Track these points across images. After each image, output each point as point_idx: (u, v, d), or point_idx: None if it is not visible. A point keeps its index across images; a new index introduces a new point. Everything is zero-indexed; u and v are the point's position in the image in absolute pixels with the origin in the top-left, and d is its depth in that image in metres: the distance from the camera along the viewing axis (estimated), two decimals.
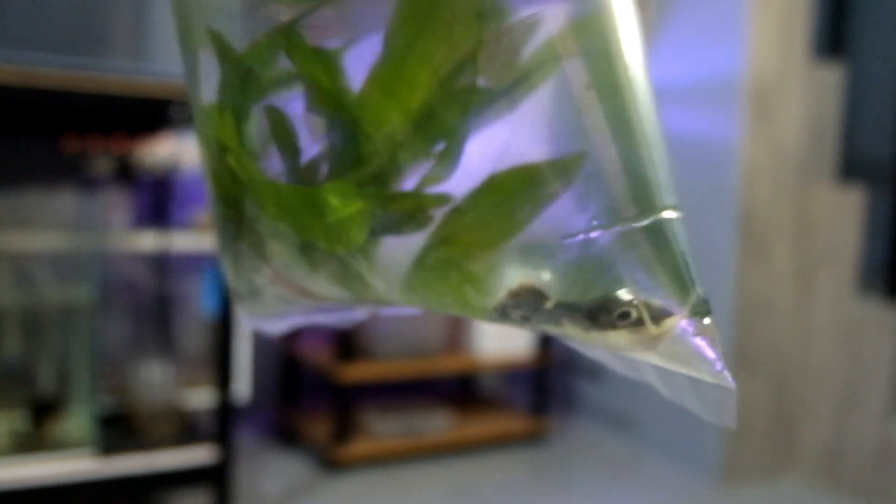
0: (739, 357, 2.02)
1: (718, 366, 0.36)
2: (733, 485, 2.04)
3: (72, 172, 1.80)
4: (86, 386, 1.57)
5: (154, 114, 1.51)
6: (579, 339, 0.37)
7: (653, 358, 0.37)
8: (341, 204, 0.42)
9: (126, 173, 1.87)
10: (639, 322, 0.35)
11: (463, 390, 2.55)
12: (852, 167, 2.18)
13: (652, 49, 2.23)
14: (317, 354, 2.12)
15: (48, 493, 1.46)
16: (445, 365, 2.23)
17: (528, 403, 2.36)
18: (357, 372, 2.01)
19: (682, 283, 0.36)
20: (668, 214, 0.36)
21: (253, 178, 0.47)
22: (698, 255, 0.39)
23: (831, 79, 2.10)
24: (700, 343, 0.36)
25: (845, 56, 2.19)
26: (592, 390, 2.44)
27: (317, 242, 0.45)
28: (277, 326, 0.60)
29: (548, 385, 2.32)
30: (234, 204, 0.49)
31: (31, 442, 1.51)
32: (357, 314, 0.57)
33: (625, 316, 0.35)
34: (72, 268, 1.62)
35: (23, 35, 1.48)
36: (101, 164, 1.83)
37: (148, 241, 1.86)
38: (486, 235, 0.37)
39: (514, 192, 0.36)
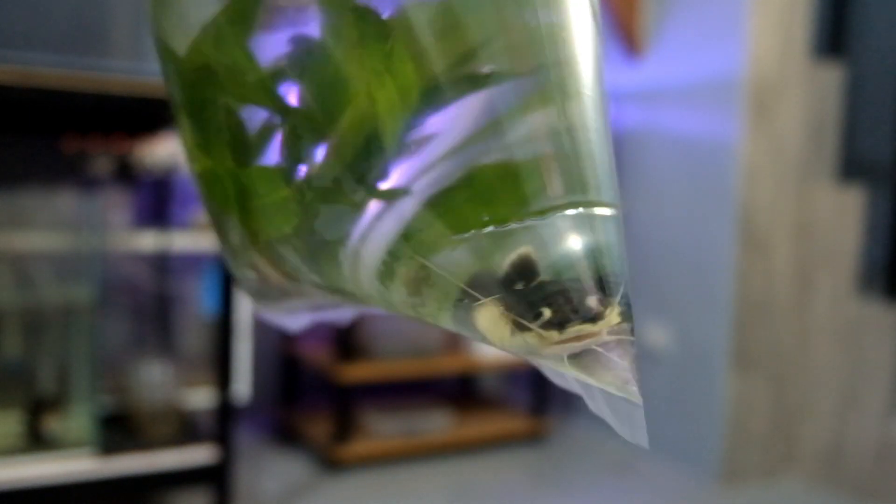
0: (739, 357, 2.02)
1: (626, 378, 0.33)
2: (733, 485, 2.04)
3: (72, 172, 1.80)
4: (86, 386, 1.57)
5: (154, 114, 1.51)
6: (506, 341, 0.36)
7: (563, 366, 0.34)
8: (266, 189, 0.42)
9: (126, 173, 1.87)
10: (547, 324, 0.33)
11: (463, 390, 2.55)
12: (852, 167, 2.18)
13: (652, 49, 2.23)
14: (317, 354, 2.12)
15: (48, 493, 1.46)
16: (445, 365, 2.23)
17: (528, 403, 2.36)
18: (357, 372, 2.01)
19: (601, 286, 0.34)
20: (600, 211, 0.35)
21: (208, 172, 0.48)
22: (698, 255, 0.38)
23: (831, 79, 2.10)
24: (609, 352, 0.33)
25: (845, 56, 2.19)
26: None
27: (251, 227, 0.46)
28: (292, 322, 0.60)
29: (548, 385, 2.31)
30: (209, 205, 0.50)
31: (32, 442, 1.51)
32: (347, 311, 0.57)
33: (538, 316, 0.34)
34: (72, 268, 1.62)
35: (23, 35, 1.48)
36: (101, 164, 1.83)
37: (148, 241, 1.86)
38: (439, 237, 0.36)
39: (495, 187, 0.36)
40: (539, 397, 2.28)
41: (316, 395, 2.27)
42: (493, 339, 0.36)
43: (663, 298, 2.19)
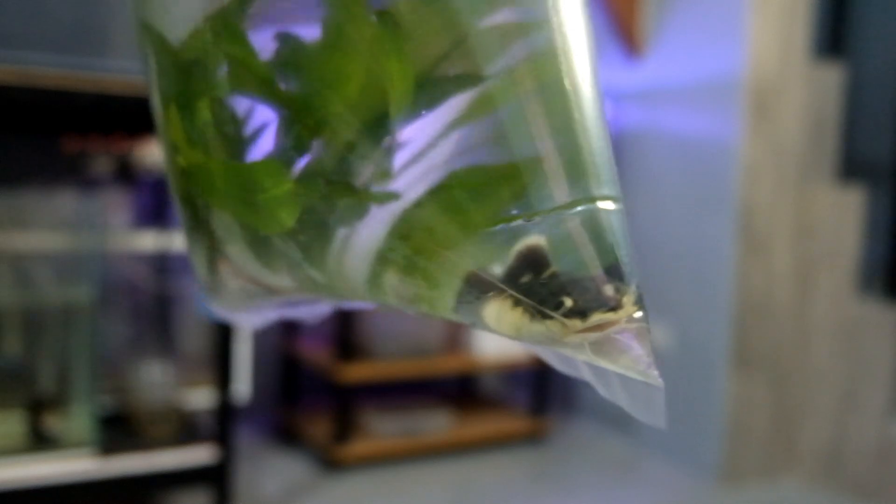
0: (739, 357, 2.02)
1: (646, 362, 0.35)
2: (733, 484, 2.04)
3: (72, 172, 1.80)
4: (86, 386, 1.57)
5: (154, 114, 1.51)
6: (524, 329, 0.37)
7: (583, 353, 0.36)
8: (271, 183, 0.42)
9: (126, 173, 1.87)
10: (570, 313, 0.35)
11: (463, 390, 2.55)
12: (852, 167, 2.18)
13: (652, 49, 2.23)
14: (317, 354, 2.12)
15: (48, 493, 1.46)
16: (445, 365, 2.23)
17: (528, 403, 2.36)
18: (357, 372, 2.01)
19: (615, 276, 0.35)
20: (604, 205, 0.36)
21: (196, 167, 0.47)
22: (698, 255, 0.38)
23: (831, 79, 2.10)
24: (628, 339, 0.35)
25: (845, 56, 2.19)
26: (592, 390, 2.43)
27: (248, 223, 0.45)
28: (251, 320, 0.60)
29: (548, 385, 2.32)
30: (189, 201, 0.50)
31: (31, 442, 1.51)
32: (322, 307, 0.57)
33: (559, 305, 0.35)
34: (72, 268, 1.62)
35: (23, 35, 1.48)
36: (101, 164, 1.83)
37: (148, 241, 1.86)
38: (444, 232, 0.37)
39: (475, 190, 0.36)
40: (539, 397, 2.28)
41: (316, 395, 2.27)
42: (506, 328, 0.37)
43: (663, 298, 2.19)
